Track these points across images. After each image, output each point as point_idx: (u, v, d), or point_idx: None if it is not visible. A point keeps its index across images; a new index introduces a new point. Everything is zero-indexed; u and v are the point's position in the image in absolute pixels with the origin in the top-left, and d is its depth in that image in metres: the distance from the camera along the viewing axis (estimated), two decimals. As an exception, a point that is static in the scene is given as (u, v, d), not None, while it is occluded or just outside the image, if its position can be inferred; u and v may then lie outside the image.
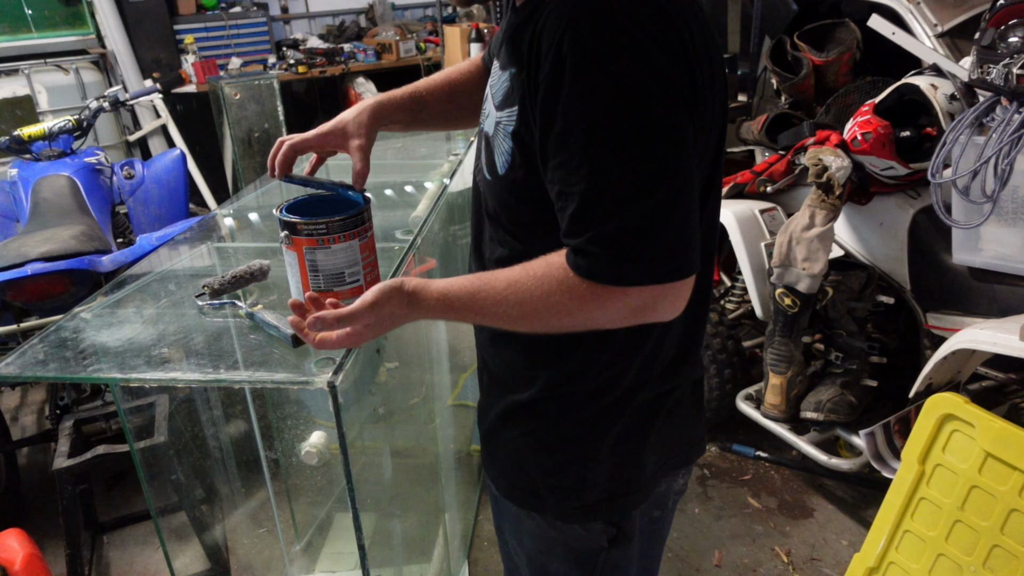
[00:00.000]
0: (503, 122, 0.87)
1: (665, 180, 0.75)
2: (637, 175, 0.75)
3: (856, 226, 2.21)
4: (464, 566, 2.11)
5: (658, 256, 0.77)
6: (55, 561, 2.13)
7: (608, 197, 0.75)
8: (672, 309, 0.81)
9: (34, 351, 1.12)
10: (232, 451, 1.97)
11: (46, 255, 2.10)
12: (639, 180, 0.75)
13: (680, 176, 0.77)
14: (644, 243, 0.76)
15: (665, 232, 0.76)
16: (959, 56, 1.97)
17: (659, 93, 0.74)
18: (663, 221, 0.76)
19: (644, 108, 0.74)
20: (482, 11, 5.11)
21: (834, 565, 2.08)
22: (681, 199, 0.77)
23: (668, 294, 0.80)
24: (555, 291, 0.81)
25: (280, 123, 4.13)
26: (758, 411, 2.33)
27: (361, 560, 1.14)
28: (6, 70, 4.08)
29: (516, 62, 0.83)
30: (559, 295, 0.81)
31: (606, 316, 0.81)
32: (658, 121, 0.75)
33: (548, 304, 0.81)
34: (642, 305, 0.80)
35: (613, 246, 0.76)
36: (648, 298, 0.79)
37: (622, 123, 0.74)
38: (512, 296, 0.83)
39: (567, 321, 0.83)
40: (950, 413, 1.59)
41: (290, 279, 1.11)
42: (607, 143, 0.74)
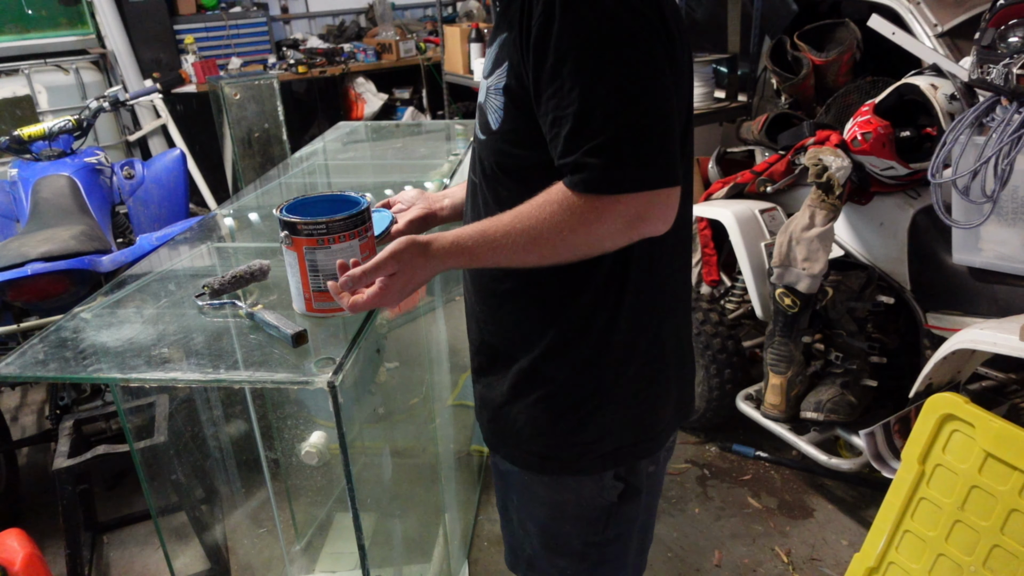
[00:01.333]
0: (492, 84, 0.97)
1: (646, 97, 0.85)
2: (623, 93, 0.84)
3: (856, 226, 2.21)
4: (464, 566, 2.11)
5: (645, 164, 0.86)
6: (55, 561, 2.13)
7: (598, 114, 0.84)
8: (662, 219, 0.90)
9: (34, 351, 1.12)
10: (232, 451, 1.97)
11: (46, 255, 2.10)
12: (625, 98, 0.84)
13: (660, 95, 0.87)
14: (632, 152, 0.85)
15: (650, 143, 0.86)
16: (959, 56, 1.97)
17: (637, 26, 0.85)
18: (648, 133, 0.85)
19: (626, 37, 0.84)
20: (482, 11, 5.11)
21: (834, 565, 2.08)
22: (663, 116, 0.87)
23: (657, 202, 0.88)
24: (556, 212, 0.88)
25: (280, 123, 4.13)
26: (758, 411, 2.33)
27: (361, 560, 1.14)
28: (6, 70, 4.08)
29: (507, 26, 0.93)
30: (560, 215, 0.88)
31: (605, 228, 0.88)
32: (638, 48, 0.85)
33: (552, 226, 0.88)
34: (636, 214, 0.88)
35: (605, 156, 0.85)
36: (640, 206, 0.87)
37: (607, 50, 0.84)
38: (518, 225, 0.90)
39: (572, 240, 0.89)
40: (950, 413, 1.59)
41: (290, 279, 1.11)
42: (595, 68, 0.84)
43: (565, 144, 0.87)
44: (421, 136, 2.49)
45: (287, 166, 2.13)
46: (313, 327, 1.13)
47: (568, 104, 0.85)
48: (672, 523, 2.26)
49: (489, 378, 1.13)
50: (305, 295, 1.10)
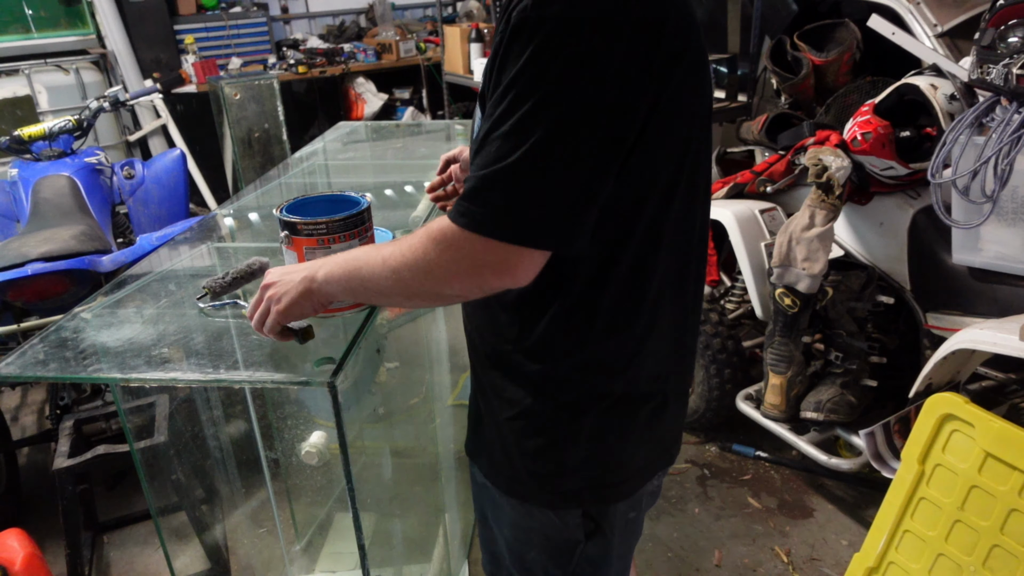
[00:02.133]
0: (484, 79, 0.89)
1: (559, 144, 0.75)
2: (530, 136, 0.75)
3: (856, 226, 2.21)
4: (464, 566, 2.11)
5: (513, 214, 0.77)
6: (55, 561, 2.13)
7: (494, 148, 0.76)
8: (513, 277, 0.81)
9: (34, 351, 1.12)
10: (232, 451, 1.97)
11: (46, 255, 2.10)
12: (529, 140, 0.75)
13: (580, 147, 0.76)
14: (505, 196, 0.76)
15: (529, 194, 0.76)
16: (959, 56, 1.97)
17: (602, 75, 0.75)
18: (533, 184, 0.76)
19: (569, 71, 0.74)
20: (482, 11, 5.11)
21: (834, 565, 2.08)
22: (561, 172, 0.76)
23: (512, 258, 0.79)
24: (422, 239, 0.82)
25: (280, 123, 4.13)
26: (758, 411, 2.33)
27: (361, 560, 1.14)
28: (6, 70, 4.08)
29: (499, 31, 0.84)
30: (423, 240, 0.82)
31: (456, 266, 0.80)
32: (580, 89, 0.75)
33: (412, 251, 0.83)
34: (485, 262, 0.79)
35: (478, 191, 0.77)
36: (493, 255, 0.78)
37: (539, 82, 0.75)
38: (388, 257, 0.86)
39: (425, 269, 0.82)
40: (950, 413, 1.59)
41: None
42: (518, 99, 0.75)
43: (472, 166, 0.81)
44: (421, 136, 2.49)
45: (287, 166, 2.13)
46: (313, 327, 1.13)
47: (487, 122, 0.79)
48: (672, 523, 2.26)
49: (474, 385, 1.10)
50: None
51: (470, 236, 0.78)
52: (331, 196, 1.16)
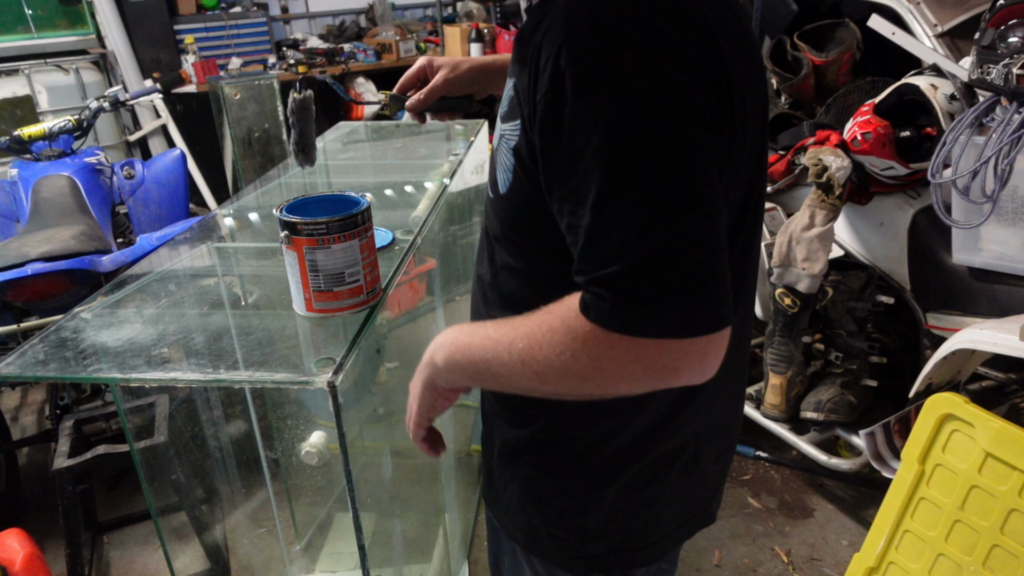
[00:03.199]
0: (506, 135, 0.79)
1: (682, 212, 0.64)
2: (649, 206, 0.64)
3: (856, 226, 2.21)
4: (464, 566, 2.11)
5: (676, 304, 0.64)
6: (55, 561, 2.13)
7: (616, 234, 0.65)
8: (700, 370, 0.67)
9: (34, 351, 1.12)
10: (232, 451, 1.97)
11: (46, 255, 2.10)
12: (651, 212, 0.64)
13: (701, 207, 0.65)
14: (658, 287, 0.64)
15: (684, 275, 0.64)
16: (959, 56, 1.97)
17: (674, 112, 0.65)
18: (682, 261, 0.64)
19: (658, 128, 0.65)
20: (482, 11, 5.11)
21: (834, 565, 2.08)
22: (703, 236, 0.65)
23: (692, 351, 0.66)
24: (564, 339, 0.68)
25: (280, 123, 4.13)
26: (758, 411, 2.33)
27: (361, 560, 1.14)
28: (6, 70, 4.08)
29: (519, 70, 0.76)
30: (568, 342, 0.68)
31: (621, 372, 0.67)
32: (672, 144, 0.65)
33: (557, 354, 0.69)
34: (661, 364, 0.66)
35: (621, 289, 0.64)
36: (668, 354, 0.66)
37: (631, 147, 0.65)
38: (522, 354, 0.72)
39: (578, 374, 0.69)
40: (950, 413, 1.59)
41: (290, 279, 1.11)
42: (614, 172, 0.65)
43: (578, 262, 0.68)
44: (421, 136, 2.48)
45: (287, 166, 2.13)
46: (313, 327, 1.13)
47: (582, 214, 0.67)
48: (672, 523, 2.26)
49: (489, 429, 1.01)
50: (305, 295, 1.10)
51: (644, 341, 0.65)
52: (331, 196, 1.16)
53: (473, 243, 2.58)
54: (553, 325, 0.69)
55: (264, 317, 1.29)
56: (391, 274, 1.27)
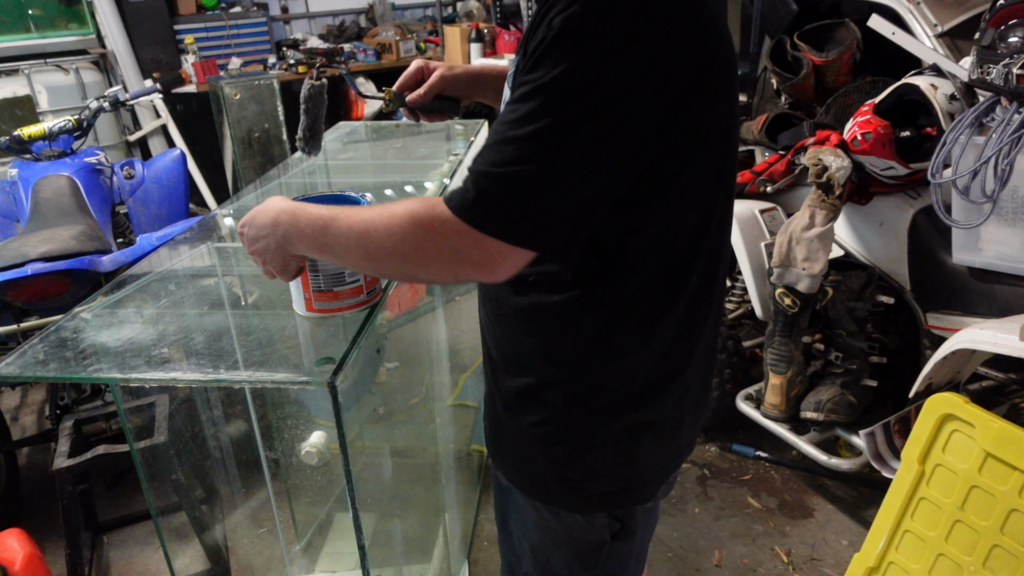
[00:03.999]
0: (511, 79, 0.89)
1: (575, 163, 0.76)
2: (550, 145, 0.75)
3: (856, 226, 2.21)
4: (464, 566, 2.11)
5: (516, 216, 0.78)
6: (55, 561, 2.13)
7: (512, 148, 0.76)
8: (492, 273, 0.81)
9: (34, 351, 1.12)
10: (232, 451, 1.97)
11: (46, 255, 2.10)
12: (548, 149, 0.75)
13: (594, 169, 0.78)
14: (512, 197, 0.77)
15: (535, 202, 0.77)
16: (959, 56, 1.97)
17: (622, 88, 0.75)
18: (541, 192, 0.77)
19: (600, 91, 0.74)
20: (482, 11, 5.11)
21: (834, 565, 2.08)
22: (578, 189, 0.78)
23: (498, 255, 0.79)
24: (402, 221, 0.81)
25: (280, 123, 4.13)
26: (758, 411, 2.33)
27: (361, 560, 1.14)
28: (6, 70, 4.08)
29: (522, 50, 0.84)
30: (404, 223, 0.81)
31: (433, 250, 0.80)
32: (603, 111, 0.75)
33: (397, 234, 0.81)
34: (469, 255, 0.79)
35: (485, 188, 0.77)
36: (479, 250, 0.79)
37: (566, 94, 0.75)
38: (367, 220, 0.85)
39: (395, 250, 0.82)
40: (950, 413, 1.59)
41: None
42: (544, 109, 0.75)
43: (477, 153, 0.81)
44: (421, 136, 2.48)
45: (287, 166, 2.13)
46: (313, 327, 1.13)
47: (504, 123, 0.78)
48: (672, 523, 2.26)
49: (493, 385, 1.08)
50: (305, 295, 1.10)
51: (463, 228, 0.78)
52: (331, 195, 1.16)
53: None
54: (401, 213, 0.82)
55: (264, 317, 1.29)
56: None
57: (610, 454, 1.00)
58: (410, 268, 0.84)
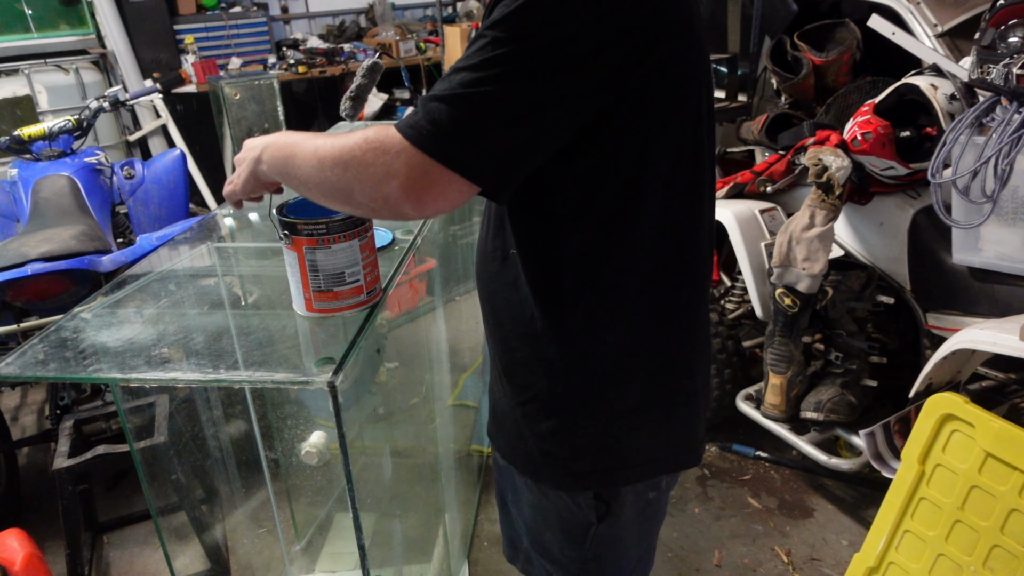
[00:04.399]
0: None
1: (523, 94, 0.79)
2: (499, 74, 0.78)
3: (856, 226, 2.21)
4: (464, 566, 2.11)
5: (459, 140, 0.79)
6: (55, 561, 2.13)
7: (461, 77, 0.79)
8: (420, 197, 0.81)
9: (34, 351, 1.12)
10: (232, 451, 1.97)
11: (46, 255, 2.10)
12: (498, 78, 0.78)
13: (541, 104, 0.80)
14: (457, 121, 0.78)
15: (477, 127, 0.79)
16: (959, 56, 1.97)
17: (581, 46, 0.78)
18: (485, 120, 0.79)
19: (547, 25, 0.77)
20: (482, 11, 5.11)
21: (834, 565, 2.08)
22: (521, 123, 0.80)
23: (436, 180, 0.80)
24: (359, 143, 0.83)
25: (280, 123, 4.13)
26: (758, 411, 2.33)
27: (361, 560, 1.14)
28: (6, 70, 4.08)
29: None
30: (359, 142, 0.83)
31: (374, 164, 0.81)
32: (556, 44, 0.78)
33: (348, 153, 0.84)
34: (410, 176, 0.80)
35: (431, 110, 0.79)
36: (419, 170, 0.79)
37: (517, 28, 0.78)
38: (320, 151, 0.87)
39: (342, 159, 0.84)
40: (950, 413, 1.59)
41: (290, 279, 1.11)
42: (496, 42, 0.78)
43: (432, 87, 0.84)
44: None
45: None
46: (313, 327, 1.13)
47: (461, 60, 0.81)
48: (672, 523, 2.26)
49: (495, 370, 1.13)
50: (305, 295, 1.10)
51: (407, 147, 0.79)
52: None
53: (473, 243, 2.58)
54: (358, 132, 0.84)
55: (264, 317, 1.29)
56: (391, 274, 1.27)
57: (594, 434, 1.03)
58: (348, 181, 0.84)
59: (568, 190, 0.91)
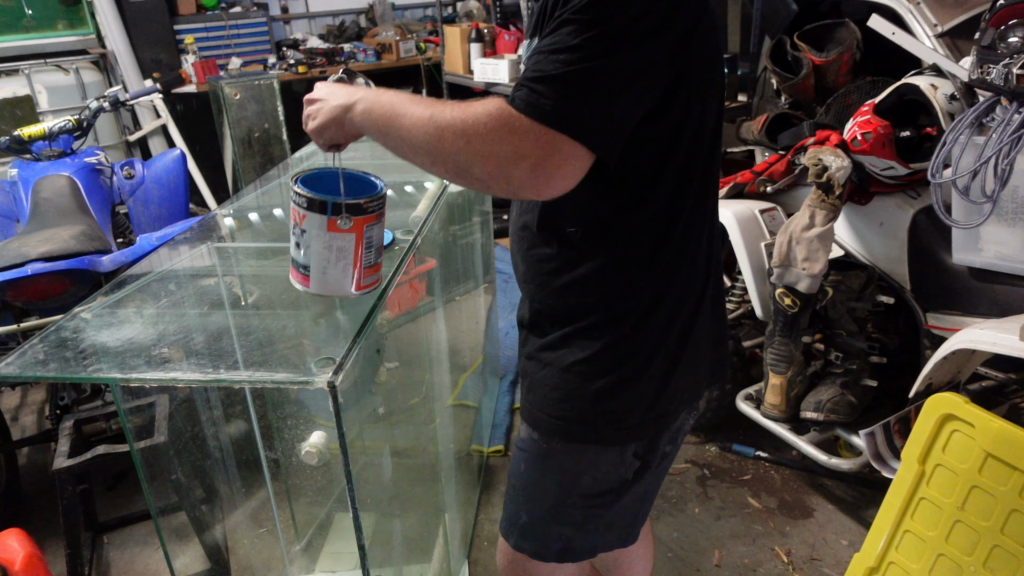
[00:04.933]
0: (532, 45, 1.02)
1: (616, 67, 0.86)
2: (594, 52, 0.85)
3: (856, 226, 2.21)
4: (464, 566, 2.11)
5: (571, 110, 0.85)
6: (55, 561, 2.13)
7: (564, 55, 0.86)
8: (558, 173, 0.88)
9: (34, 351, 1.12)
10: (232, 451, 1.97)
11: (46, 255, 2.10)
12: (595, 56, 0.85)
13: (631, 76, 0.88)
14: (571, 95, 0.85)
15: (591, 98, 0.86)
16: (959, 56, 1.97)
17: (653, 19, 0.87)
18: (596, 91, 0.86)
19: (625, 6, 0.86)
20: (482, 11, 5.11)
21: (834, 565, 2.08)
22: (624, 90, 0.88)
23: (556, 150, 0.86)
24: (482, 116, 0.87)
25: (280, 123, 4.13)
26: (758, 411, 2.33)
27: (361, 560, 1.14)
28: (6, 70, 4.08)
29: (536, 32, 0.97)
30: (479, 114, 0.87)
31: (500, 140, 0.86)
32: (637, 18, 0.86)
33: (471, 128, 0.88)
34: (528, 150, 0.86)
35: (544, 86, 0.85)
36: (538, 142, 0.85)
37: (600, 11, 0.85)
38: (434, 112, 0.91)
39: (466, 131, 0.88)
40: (950, 413, 1.59)
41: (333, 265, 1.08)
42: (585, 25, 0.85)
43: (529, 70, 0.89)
44: (421, 136, 2.48)
45: (287, 166, 2.13)
46: (313, 327, 1.13)
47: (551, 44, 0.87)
48: (672, 523, 2.26)
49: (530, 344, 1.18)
50: (355, 274, 1.08)
51: (534, 126, 0.85)
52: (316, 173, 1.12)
53: (473, 243, 2.58)
54: (476, 105, 0.89)
55: (264, 317, 1.29)
56: (391, 274, 1.27)
57: (654, 380, 1.11)
58: (469, 156, 0.88)
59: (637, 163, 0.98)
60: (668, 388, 1.13)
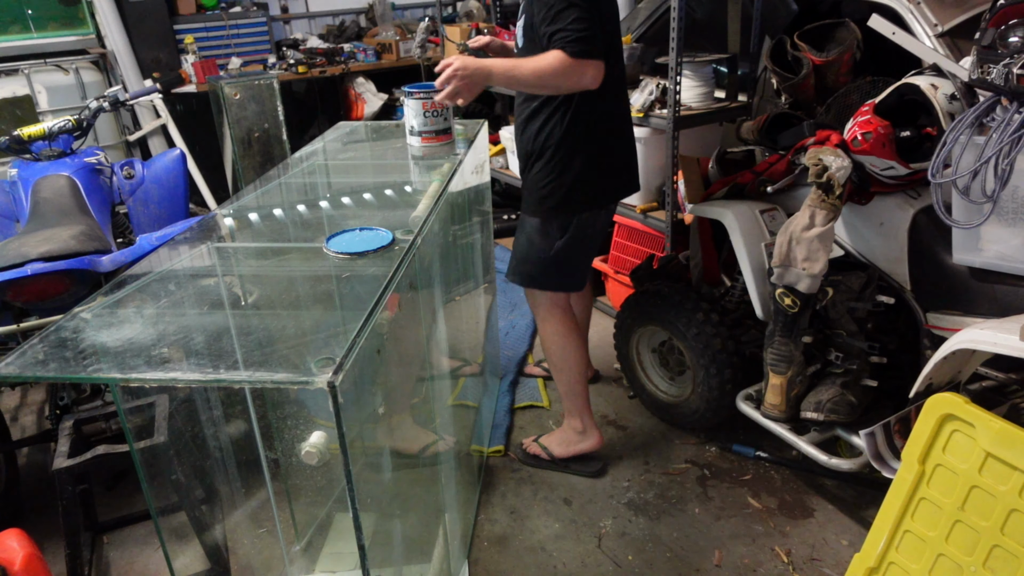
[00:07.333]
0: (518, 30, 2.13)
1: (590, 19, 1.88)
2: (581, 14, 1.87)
3: (856, 226, 2.21)
4: (464, 566, 2.11)
5: (588, 47, 1.88)
6: (55, 561, 2.13)
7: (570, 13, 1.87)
8: (593, 78, 1.92)
9: (34, 351, 1.12)
10: (232, 451, 1.97)
11: (46, 255, 2.10)
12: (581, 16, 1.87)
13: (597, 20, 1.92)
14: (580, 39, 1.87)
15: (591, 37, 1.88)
16: (959, 56, 1.97)
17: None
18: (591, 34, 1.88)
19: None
20: (482, 11, 5.11)
21: (834, 565, 2.08)
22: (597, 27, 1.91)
23: (590, 68, 1.90)
24: (553, 62, 1.89)
25: (280, 123, 4.13)
26: (758, 411, 2.32)
27: (361, 560, 1.14)
28: (6, 70, 4.08)
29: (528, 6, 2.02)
30: (555, 64, 1.88)
31: (568, 73, 1.89)
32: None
33: (547, 67, 1.89)
34: (580, 71, 1.90)
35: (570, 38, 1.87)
36: (582, 67, 1.89)
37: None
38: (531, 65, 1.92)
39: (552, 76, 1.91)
40: (950, 413, 1.59)
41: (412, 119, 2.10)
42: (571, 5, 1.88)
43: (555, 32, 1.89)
44: (421, 136, 2.47)
45: (287, 166, 2.13)
46: (312, 327, 1.12)
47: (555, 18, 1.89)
48: (672, 523, 2.26)
49: (528, 163, 2.21)
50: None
51: (580, 60, 1.88)
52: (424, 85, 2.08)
53: (473, 243, 2.58)
54: (547, 57, 1.90)
55: (264, 317, 1.29)
56: (391, 274, 1.27)
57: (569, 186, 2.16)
58: (558, 80, 1.92)
59: None
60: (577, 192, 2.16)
